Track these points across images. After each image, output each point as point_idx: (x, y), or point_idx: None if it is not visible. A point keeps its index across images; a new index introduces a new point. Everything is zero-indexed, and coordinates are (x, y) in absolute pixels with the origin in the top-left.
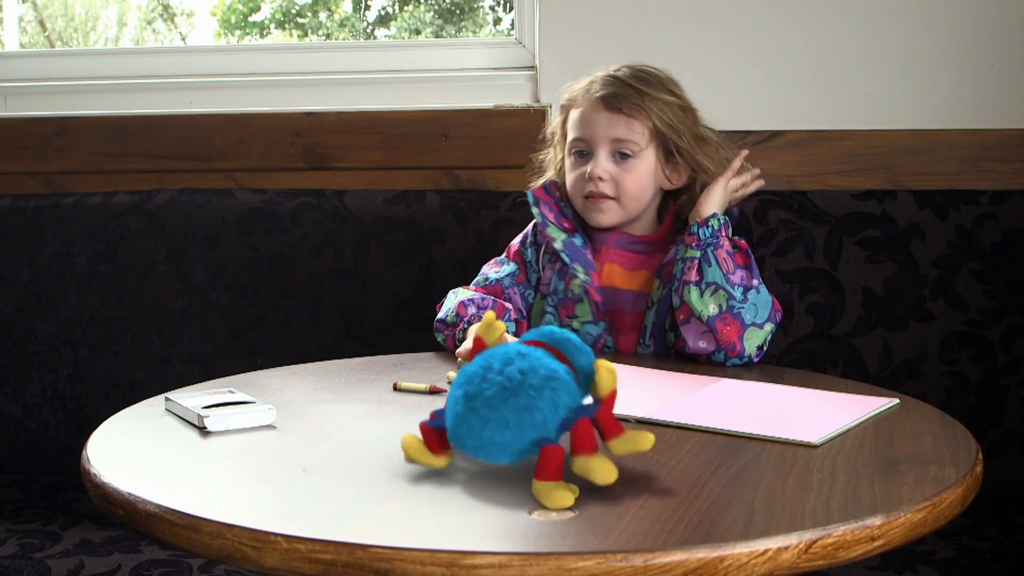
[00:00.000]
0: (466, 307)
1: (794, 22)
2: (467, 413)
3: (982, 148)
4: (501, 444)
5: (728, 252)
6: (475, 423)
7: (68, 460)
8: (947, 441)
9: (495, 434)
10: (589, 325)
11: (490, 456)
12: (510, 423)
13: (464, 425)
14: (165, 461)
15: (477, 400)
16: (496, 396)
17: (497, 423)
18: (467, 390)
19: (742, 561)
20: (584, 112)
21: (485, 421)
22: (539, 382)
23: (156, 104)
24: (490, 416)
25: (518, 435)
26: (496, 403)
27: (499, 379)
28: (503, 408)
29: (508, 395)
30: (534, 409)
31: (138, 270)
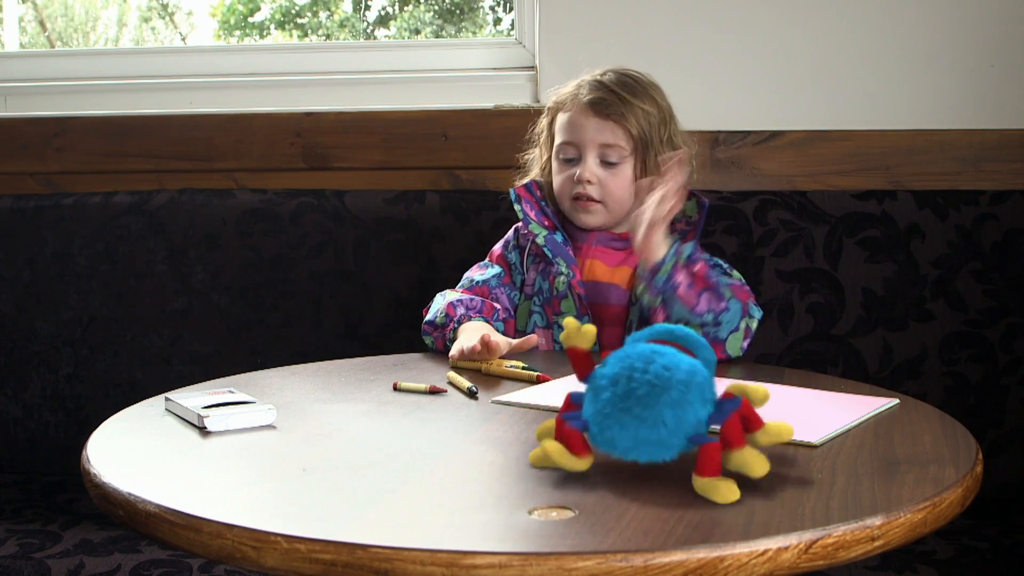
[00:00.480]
0: (455, 307)
1: (794, 22)
2: (619, 414)
3: (982, 148)
4: (658, 442)
5: (688, 285)
6: (629, 423)
7: (68, 460)
8: (947, 441)
9: (651, 432)
10: None
11: (645, 455)
12: (666, 420)
13: (616, 427)
14: (165, 461)
15: (629, 400)
16: (648, 395)
17: (653, 421)
18: (614, 391)
19: (742, 561)
20: (572, 116)
21: (640, 420)
22: (685, 377)
23: (156, 104)
24: (645, 415)
25: (675, 431)
26: (650, 401)
27: (648, 378)
28: (657, 405)
29: (660, 392)
30: (686, 404)
31: (138, 270)
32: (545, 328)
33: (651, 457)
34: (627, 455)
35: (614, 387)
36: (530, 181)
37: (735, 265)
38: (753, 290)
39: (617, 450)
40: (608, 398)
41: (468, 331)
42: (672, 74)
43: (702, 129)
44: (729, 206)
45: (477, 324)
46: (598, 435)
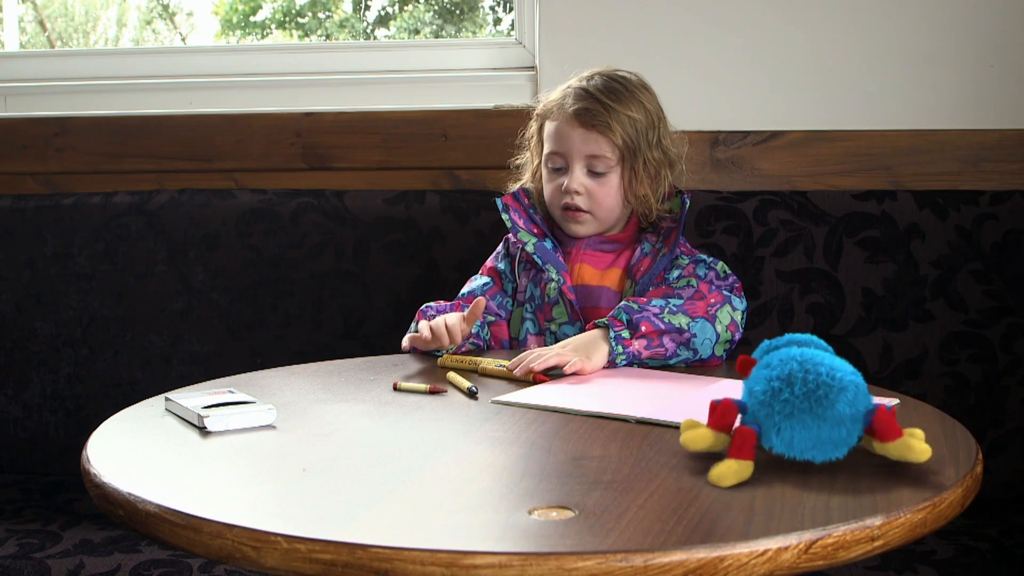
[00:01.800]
0: (424, 312)
1: (794, 22)
2: (801, 415)
3: (982, 148)
4: (836, 441)
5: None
6: (811, 423)
7: (68, 460)
8: (947, 441)
9: (832, 432)
10: (566, 327)
11: (821, 455)
12: (845, 419)
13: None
14: (165, 461)
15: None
16: (827, 396)
17: (835, 421)
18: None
19: (742, 561)
20: (559, 126)
21: (822, 420)
22: (854, 378)
23: (156, 104)
24: (827, 415)
25: (852, 430)
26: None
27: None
28: (838, 405)
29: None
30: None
31: (138, 270)
32: (538, 335)
33: (827, 456)
34: (803, 455)
35: (789, 387)
36: (517, 189)
37: (735, 265)
38: (753, 290)
39: (794, 450)
40: (787, 398)
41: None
42: (672, 74)
43: (702, 129)
44: (729, 206)
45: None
46: (774, 437)
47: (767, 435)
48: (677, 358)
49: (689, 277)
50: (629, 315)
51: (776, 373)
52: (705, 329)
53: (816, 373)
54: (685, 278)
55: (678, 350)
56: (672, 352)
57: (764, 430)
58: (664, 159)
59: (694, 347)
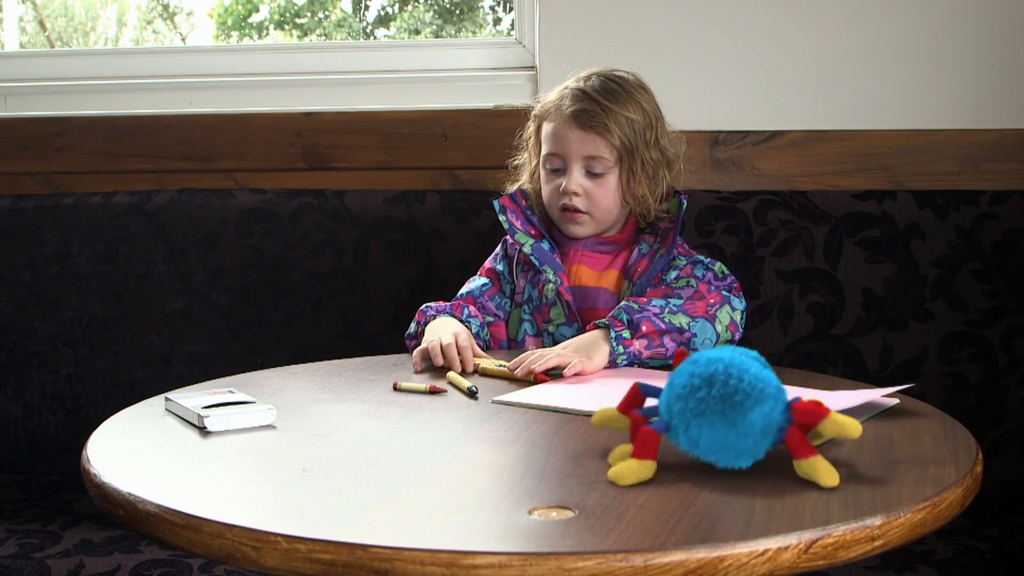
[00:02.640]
0: (424, 312)
1: (794, 22)
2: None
3: (982, 148)
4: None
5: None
6: (720, 427)
7: (68, 460)
8: (947, 441)
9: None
10: (563, 328)
11: (724, 460)
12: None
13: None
14: (165, 461)
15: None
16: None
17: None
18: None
19: (742, 561)
20: (556, 128)
21: (732, 425)
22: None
23: (156, 104)
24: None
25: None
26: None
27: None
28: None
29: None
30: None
31: (138, 270)
32: (535, 336)
33: (730, 463)
34: (707, 456)
35: (709, 387)
36: (515, 191)
37: (735, 265)
38: (753, 290)
39: (698, 450)
40: (703, 397)
41: (436, 326)
42: (672, 74)
43: (702, 129)
44: (729, 206)
45: (445, 320)
46: (681, 434)
47: (675, 430)
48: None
49: (688, 278)
50: (629, 315)
51: (700, 371)
52: (705, 329)
53: (738, 379)
54: (684, 279)
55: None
56: (672, 352)
57: (674, 424)
58: (662, 159)
59: (694, 347)
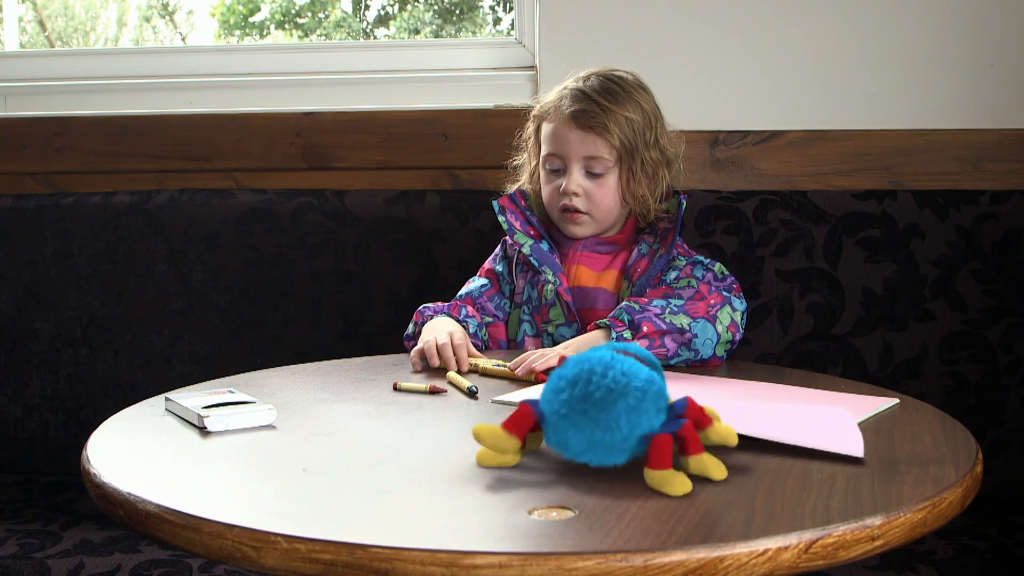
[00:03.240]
0: (421, 313)
1: (794, 22)
2: (575, 416)
3: (982, 148)
4: (610, 446)
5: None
6: (584, 425)
7: (68, 460)
8: (947, 441)
9: (605, 436)
10: (563, 328)
11: (596, 459)
12: (620, 424)
13: (572, 428)
14: (165, 461)
15: (585, 403)
16: (605, 399)
17: (607, 425)
18: (572, 393)
19: (742, 561)
20: (556, 128)
21: (595, 423)
22: (643, 385)
23: (156, 104)
24: (600, 417)
25: (628, 436)
26: (605, 405)
27: (606, 382)
28: (613, 410)
29: (617, 397)
30: (641, 411)
31: (138, 270)
32: (535, 336)
33: (602, 461)
34: (578, 457)
35: (572, 388)
36: (514, 191)
37: (735, 265)
38: (753, 290)
39: (569, 452)
40: (566, 399)
41: (432, 327)
42: (672, 74)
43: (702, 129)
44: (729, 206)
45: (441, 320)
46: (552, 435)
47: (547, 432)
48: (678, 358)
49: (688, 278)
50: (630, 315)
51: (566, 372)
52: (706, 330)
53: (602, 376)
54: (684, 279)
55: (679, 350)
56: (673, 352)
57: (546, 429)
58: (662, 159)
59: (695, 348)
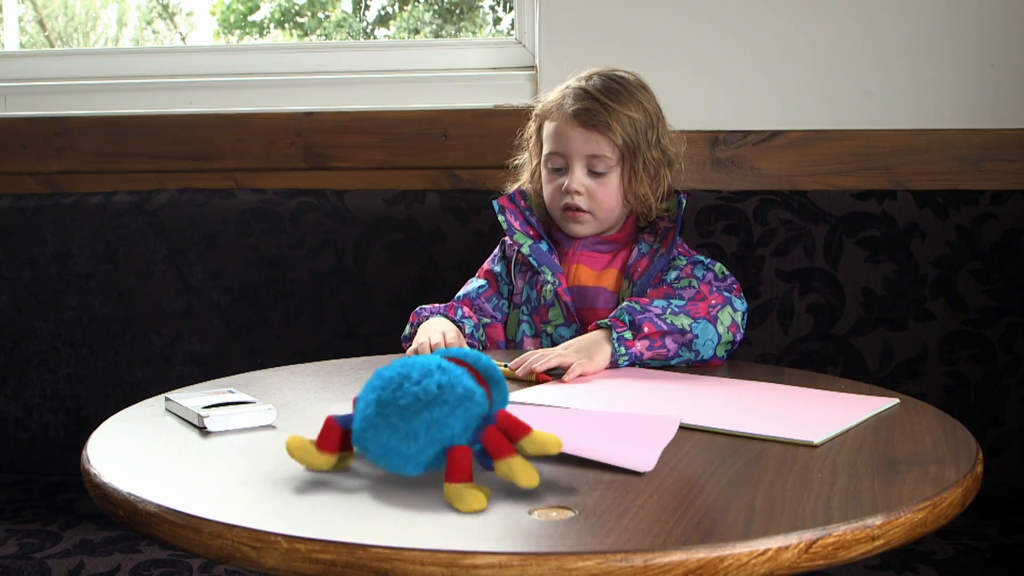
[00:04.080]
0: (418, 314)
1: (795, 21)
2: (376, 418)
3: (982, 148)
4: (406, 455)
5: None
6: (383, 430)
7: (68, 460)
8: (947, 441)
9: (402, 444)
10: (561, 328)
11: (391, 465)
12: (418, 436)
13: (372, 430)
14: (165, 461)
15: (389, 407)
16: (409, 406)
17: (406, 434)
18: (381, 395)
19: (742, 561)
20: (559, 127)
21: (393, 430)
22: (455, 399)
23: (156, 104)
24: (399, 425)
25: (425, 448)
26: (408, 414)
27: (415, 390)
28: (414, 420)
29: (421, 407)
30: (444, 426)
31: (138, 270)
32: (534, 337)
33: (397, 468)
34: (376, 461)
35: (382, 391)
36: (513, 191)
37: (735, 265)
38: (753, 290)
39: (369, 453)
40: (374, 400)
41: (426, 327)
42: (672, 74)
43: (702, 129)
44: (729, 206)
45: (435, 320)
46: (358, 434)
47: (354, 431)
48: (679, 359)
49: (689, 278)
50: (631, 316)
51: (386, 371)
52: (707, 330)
53: (415, 383)
54: (685, 279)
55: (680, 351)
56: (674, 353)
57: (355, 428)
58: (663, 158)
59: (696, 348)
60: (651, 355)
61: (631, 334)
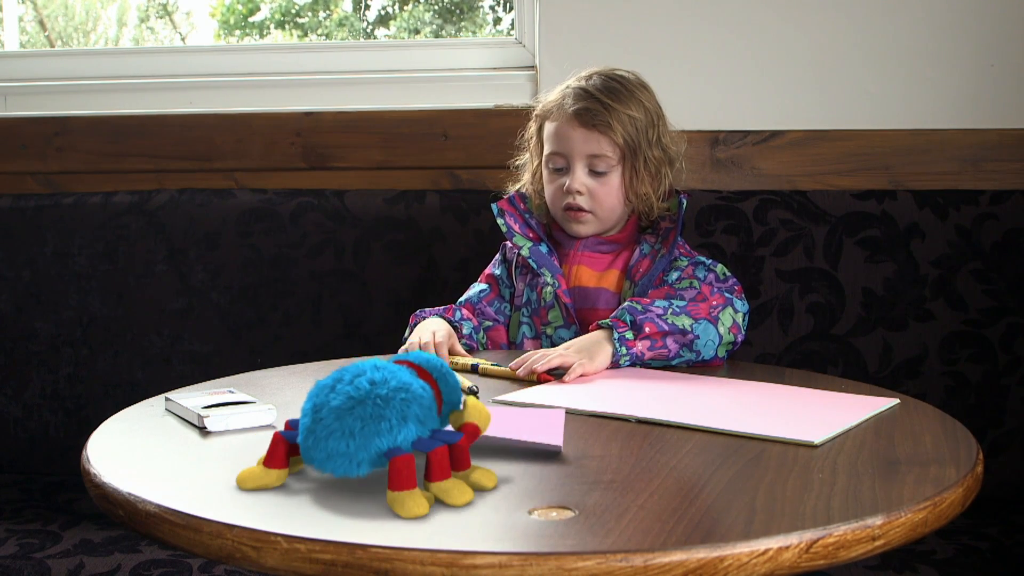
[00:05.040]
0: (417, 316)
1: (794, 22)
2: (313, 424)
3: (982, 148)
4: (347, 455)
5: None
6: (321, 433)
7: (68, 460)
8: (947, 441)
9: (340, 444)
10: (561, 330)
11: (338, 469)
12: (355, 432)
13: (311, 437)
14: (165, 461)
15: (323, 410)
16: (342, 405)
17: (342, 432)
18: (315, 401)
19: (742, 561)
20: (559, 127)
21: (330, 431)
22: (388, 392)
23: (155, 104)
24: (335, 426)
25: (363, 445)
26: (342, 412)
27: (347, 389)
28: (348, 417)
29: (354, 404)
30: (380, 418)
31: (138, 270)
32: (534, 339)
33: (344, 471)
34: (324, 468)
35: (317, 397)
36: (512, 194)
37: (735, 265)
38: (753, 290)
39: (315, 463)
40: (308, 408)
41: (420, 328)
42: (672, 74)
43: (702, 129)
44: (729, 206)
45: (429, 320)
46: (302, 446)
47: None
48: (679, 359)
49: (690, 279)
50: (632, 316)
51: (313, 389)
52: (708, 331)
53: (347, 383)
54: (686, 280)
55: (681, 351)
56: (675, 353)
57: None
58: (664, 157)
59: (696, 348)
60: (652, 355)
61: (632, 334)
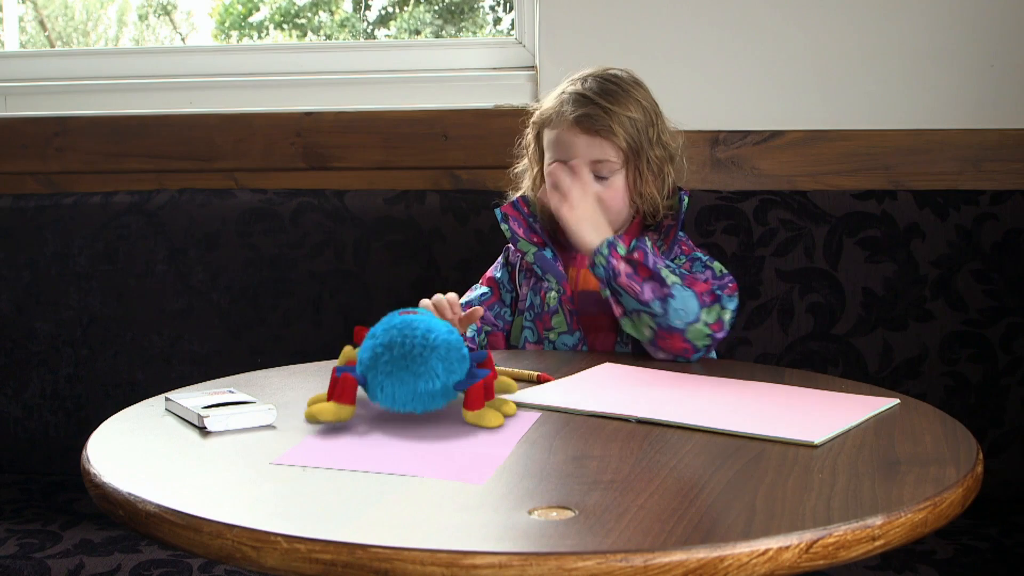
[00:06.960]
0: None
1: (794, 22)
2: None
3: (982, 148)
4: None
5: (628, 274)
6: (408, 379)
7: (68, 460)
8: (947, 441)
9: (427, 385)
10: (564, 336)
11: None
12: (439, 373)
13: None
14: (165, 461)
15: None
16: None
17: (428, 375)
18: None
19: (742, 561)
20: (560, 134)
21: (417, 376)
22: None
23: (156, 104)
24: (421, 370)
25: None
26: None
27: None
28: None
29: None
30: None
31: (138, 270)
32: (536, 343)
33: (427, 407)
34: (405, 407)
35: (390, 351)
36: (516, 198)
37: (735, 265)
38: (753, 290)
39: (397, 404)
40: (387, 359)
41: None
42: (672, 74)
43: (702, 129)
44: (729, 206)
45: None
46: (379, 393)
47: (373, 392)
48: (644, 309)
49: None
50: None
51: (379, 340)
52: (688, 303)
53: (412, 335)
54: None
55: (651, 303)
56: (645, 300)
57: (371, 389)
58: (665, 154)
59: (667, 308)
60: (625, 283)
61: (623, 250)
